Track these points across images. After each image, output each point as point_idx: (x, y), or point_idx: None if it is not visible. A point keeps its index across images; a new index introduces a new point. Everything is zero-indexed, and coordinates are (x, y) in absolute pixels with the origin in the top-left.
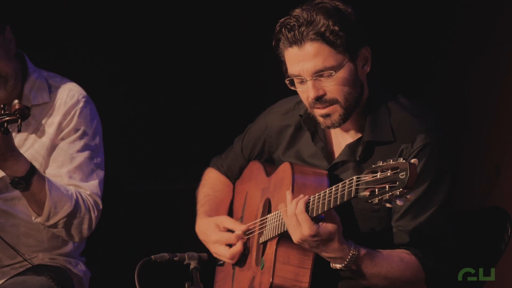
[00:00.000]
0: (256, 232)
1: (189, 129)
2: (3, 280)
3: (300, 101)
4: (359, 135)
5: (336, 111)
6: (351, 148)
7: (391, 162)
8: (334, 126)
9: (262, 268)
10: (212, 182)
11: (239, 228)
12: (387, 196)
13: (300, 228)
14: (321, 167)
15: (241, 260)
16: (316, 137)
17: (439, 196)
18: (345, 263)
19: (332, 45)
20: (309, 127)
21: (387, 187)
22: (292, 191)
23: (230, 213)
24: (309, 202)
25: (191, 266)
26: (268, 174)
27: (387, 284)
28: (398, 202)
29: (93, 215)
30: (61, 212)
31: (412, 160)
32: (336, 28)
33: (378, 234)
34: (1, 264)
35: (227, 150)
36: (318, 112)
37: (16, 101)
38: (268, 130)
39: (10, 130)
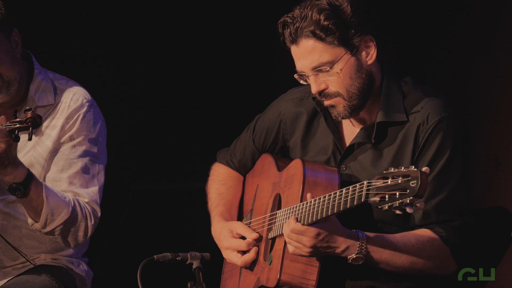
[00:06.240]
0: (265, 227)
1: (192, 129)
2: (5, 281)
3: None
4: (374, 120)
5: (340, 103)
6: (366, 130)
7: (402, 169)
8: (340, 116)
9: (270, 264)
10: (223, 178)
11: (250, 235)
12: (397, 203)
13: (302, 238)
14: (336, 150)
15: None
16: (329, 119)
17: (458, 171)
18: (358, 249)
19: (324, 41)
20: (321, 108)
21: (397, 194)
22: (303, 189)
23: (241, 206)
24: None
25: (194, 266)
26: (280, 168)
27: (407, 264)
28: (408, 210)
29: (89, 223)
30: (58, 219)
31: (423, 169)
32: (326, 23)
33: (394, 219)
34: (2, 265)
35: (234, 142)
36: (324, 103)
37: (28, 108)
38: (282, 117)
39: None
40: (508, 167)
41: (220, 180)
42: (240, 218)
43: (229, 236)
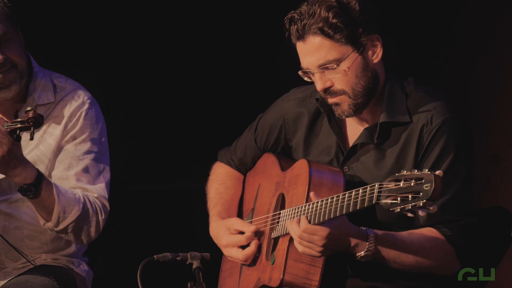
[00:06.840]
0: (268, 227)
1: (192, 129)
2: (6, 281)
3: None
4: (377, 121)
5: (345, 101)
6: (369, 131)
7: (415, 172)
8: (344, 115)
9: (272, 263)
10: (222, 177)
11: (248, 229)
12: (409, 206)
13: (314, 238)
14: (339, 151)
15: None
16: (333, 120)
17: (462, 171)
18: (366, 246)
19: (332, 39)
20: (325, 109)
21: (410, 197)
22: (308, 189)
23: (241, 204)
24: (312, 209)
25: (194, 266)
26: (283, 168)
27: (413, 263)
28: (420, 213)
29: (100, 218)
30: (69, 217)
31: (437, 172)
32: (335, 21)
33: (397, 220)
34: (3, 266)
35: (235, 142)
36: (329, 101)
37: (29, 108)
38: (285, 117)
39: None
40: (508, 167)
41: (219, 180)
42: (240, 216)
43: (227, 234)
